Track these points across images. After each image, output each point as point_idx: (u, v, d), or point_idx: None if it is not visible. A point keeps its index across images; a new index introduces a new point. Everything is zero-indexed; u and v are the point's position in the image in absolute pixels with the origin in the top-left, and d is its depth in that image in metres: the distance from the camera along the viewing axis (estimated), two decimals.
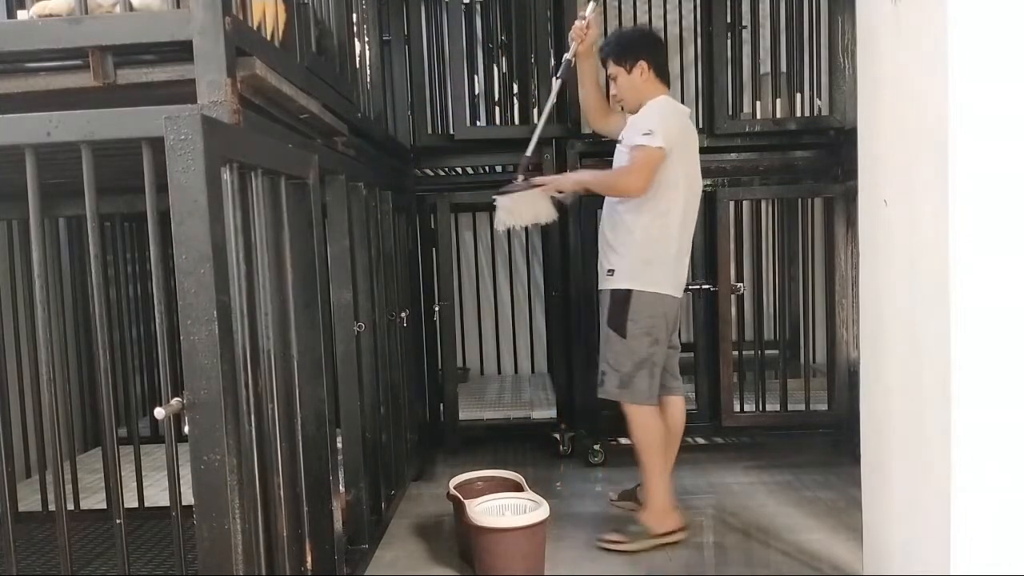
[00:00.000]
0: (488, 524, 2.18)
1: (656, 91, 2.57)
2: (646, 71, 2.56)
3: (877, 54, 1.80)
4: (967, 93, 1.44)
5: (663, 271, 2.48)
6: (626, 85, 2.58)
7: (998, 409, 1.47)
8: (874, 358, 1.90)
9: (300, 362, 1.66)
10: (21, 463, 2.83)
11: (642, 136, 2.41)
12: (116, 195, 2.38)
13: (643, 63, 2.55)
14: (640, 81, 2.56)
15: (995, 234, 1.45)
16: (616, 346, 2.49)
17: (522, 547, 2.18)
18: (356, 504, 2.22)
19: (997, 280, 1.45)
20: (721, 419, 3.19)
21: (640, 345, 2.47)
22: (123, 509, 1.37)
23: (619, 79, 2.59)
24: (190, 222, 1.21)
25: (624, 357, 2.48)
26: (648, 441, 2.50)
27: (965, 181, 1.45)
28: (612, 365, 2.51)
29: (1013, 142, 1.43)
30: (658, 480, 2.49)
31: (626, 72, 2.57)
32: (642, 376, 2.47)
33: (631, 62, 2.55)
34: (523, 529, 2.17)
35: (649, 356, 2.48)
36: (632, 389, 2.48)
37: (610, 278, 2.53)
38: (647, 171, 2.40)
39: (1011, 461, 1.48)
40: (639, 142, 2.41)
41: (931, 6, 1.50)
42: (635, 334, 2.46)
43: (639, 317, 2.46)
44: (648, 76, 2.56)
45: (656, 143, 2.38)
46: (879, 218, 1.82)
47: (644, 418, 2.50)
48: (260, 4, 1.57)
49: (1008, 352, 1.46)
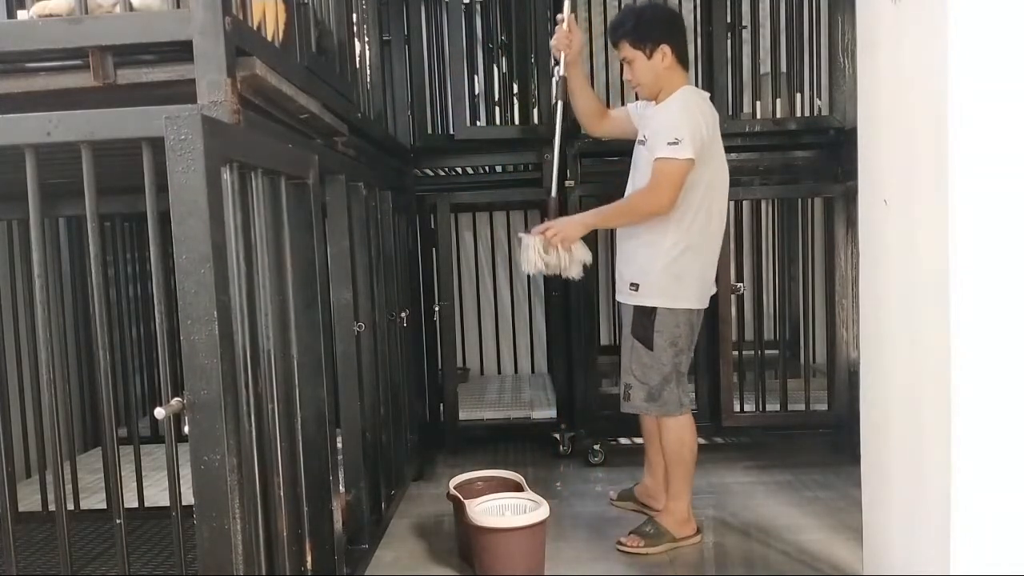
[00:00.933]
0: (488, 524, 2.18)
1: (678, 79, 2.38)
2: (668, 57, 2.34)
3: (877, 54, 1.80)
4: (967, 93, 1.44)
5: (693, 285, 2.36)
6: (645, 71, 2.37)
7: (998, 409, 1.47)
8: (874, 358, 1.90)
9: (300, 362, 1.66)
10: (21, 463, 2.83)
11: (667, 146, 2.22)
12: (116, 195, 2.38)
13: (665, 47, 2.33)
14: (661, 68, 2.35)
15: (995, 234, 1.45)
16: (643, 358, 2.38)
17: (522, 547, 2.18)
18: (356, 504, 2.22)
19: (997, 280, 1.45)
20: (721, 419, 3.19)
21: (667, 356, 2.37)
22: (123, 509, 1.37)
23: (636, 64, 2.38)
24: (190, 222, 1.21)
25: (652, 370, 2.38)
26: (682, 456, 2.42)
27: (965, 181, 1.45)
28: (639, 378, 2.40)
29: (1014, 142, 1.43)
30: (686, 489, 2.44)
31: (645, 57, 2.35)
32: (671, 387, 2.38)
33: (652, 46, 2.34)
34: (523, 529, 2.17)
35: (676, 367, 2.39)
36: (662, 402, 2.39)
37: (634, 293, 2.39)
38: (675, 188, 2.22)
39: (1011, 461, 1.48)
40: (664, 153, 2.22)
41: (931, 6, 1.50)
42: (662, 345, 2.36)
43: (665, 328, 2.35)
44: (670, 62, 2.35)
45: (685, 154, 2.21)
46: (879, 218, 1.82)
47: (679, 431, 2.41)
48: (260, 4, 1.57)
49: (1008, 352, 1.46)
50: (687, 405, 2.43)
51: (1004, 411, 1.47)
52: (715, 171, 2.36)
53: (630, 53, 2.38)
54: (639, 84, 2.42)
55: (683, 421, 2.42)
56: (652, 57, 2.35)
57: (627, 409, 2.46)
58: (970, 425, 1.48)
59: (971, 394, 1.47)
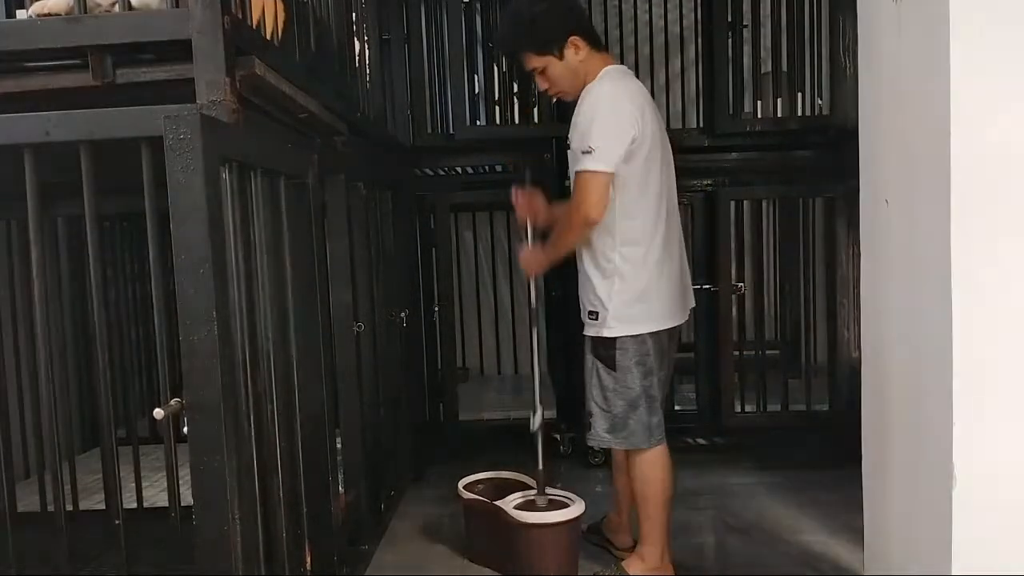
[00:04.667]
0: (533, 520, 2.18)
1: (597, 64, 2.08)
2: (582, 46, 2.06)
3: (878, 53, 1.80)
4: (968, 92, 1.43)
5: (658, 302, 2.08)
6: (562, 75, 2.08)
7: (999, 409, 1.47)
8: (875, 358, 1.89)
9: (300, 362, 1.66)
10: (20, 463, 2.83)
11: (583, 155, 1.96)
12: (115, 195, 2.37)
13: (575, 39, 2.04)
14: (577, 62, 2.07)
15: (996, 234, 1.45)
16: (604, 380, 2.09)
17: (563, 541, 2.21)
18: (356, 504, 2.22)
19: (998, 280, 1.45)
20: (722, 419, 3.18)
21: (633, 378, 2.07)
22: (122, 510, 1.37)
23: (550, 70, 2.08)
24: (189, 222, 1.21)
25: (616, 395, 2.08)
26: (648, 496, 2.13)
27: (966, 181, 1.45)
28: (600, 405, 2.10)
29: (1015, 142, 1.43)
30: (659, 531, 2.14)
31: (557, 59, 2.06)
32: (638, 415, 2.07)
33: (560, 44, 2.05)
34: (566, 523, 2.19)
35: (645, 390, 2.08)
36: (627, 433, 2.08)
37: (593, 322, 2.09)
38: (597, 197, 1.95)
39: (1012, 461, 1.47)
40: (579, 166, 1.96)
41: (933, 5, 1.49)
42: (627, 366, 2.06)
43: (630, 347, 2.07)
44: (584, 51, 2.06)
45: (599, 166, 1.94)
46: (880, 218, 1.82)
47: (647, 468, 2.11)
48: (259, 3, 1.57)
49: (1009, 353, 1.45)
50: (658, 436, 2.11)
51: (1004, 411, 1.47)
52: (649, 161, 2.05)
53: (538, 62, 2.09)
54: (560, 91, 2.14)
55: (651, 457, 2.11)
56: (565, 56, 2.06)
57: (590, 441, 2.18)
58: (970, 425, 1.47)
59: (972, 394, 1.47)
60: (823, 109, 3.29)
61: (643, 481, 2.13)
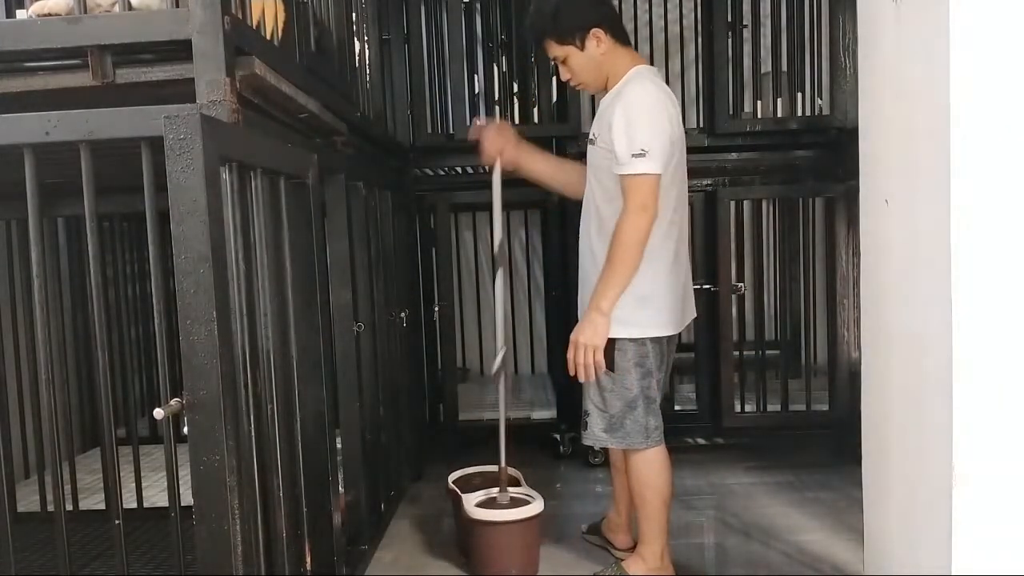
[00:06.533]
0: (482, 517, 2.19)
1: (624, 61, 2.07)
2: (604, 39, 2.04)
3: (878, 53, 1.80)
4: (969, 92, 1.43)
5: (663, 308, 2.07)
6: (583, 66, 2.07)
7: (999, 409, 1.47)
8: (875, 358, 1.89)
9: (299, 362, 1.66)
10: (20, 463, 2.83)
11: (633, 159, 1.91)
12: (115, 195, 2.37)
13: (597, 31, 2.03)
14: (599, 54, 2.05)
15: (997, 234, 1.45)
16: (602, 380, 2.07)
17: (515, 541, 2.19)
18: (356, 504, 2.22)
19: (998, 280, 1.45)
20: (722, 419, 3.18)
21: (632, 379, 2.06)
22: (122, 510, 1.37)
23: (571, 60, 2.07)
24: (189, 222, 1.21)
25: (613, 396, 2.07)
26: (646, 497, 2.12)
27: (967, 180, 1.45)
28: (597, 405, 2.10)
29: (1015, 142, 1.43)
30: (658, 532, 2.14)
31: (578, 50, 2.05)
32: (636, 415, 2.07)
33: (581, 35, 2.03)
34: (516, 523, 2.17)
35: (643, 390, 2.07)
36: (624, 433, 2.08)
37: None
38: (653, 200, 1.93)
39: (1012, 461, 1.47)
40: (630, 169, 1.92)
41: (933, 5, 1.49)
42: (625, 367, 2.06)
43: (630, 349, 2.07)
44: (608, 44, 2.04)
45: (654, 168, 1.91)
46: (880, 218, 1.82)
47: (644, 469, 2.11)
48: (259, 3, 1.57)
49: (1010, 352, 1.45)
50: (656, 437, 2.10)
51: (1005, 411, 1.47)
52: (674, 169, 2.05)
53: (560, 51, 2.08)
54: (581, 83, 2.13)
55: (649, 457, 2.10)
56: (586, 48, 2.04)
57: (586, 441, 2.16)
58: (971, 425, 1.47)
59: (972, 394, 1.47)
60: (823, 109, 3.29)
61: (641, 482, 2.13)
